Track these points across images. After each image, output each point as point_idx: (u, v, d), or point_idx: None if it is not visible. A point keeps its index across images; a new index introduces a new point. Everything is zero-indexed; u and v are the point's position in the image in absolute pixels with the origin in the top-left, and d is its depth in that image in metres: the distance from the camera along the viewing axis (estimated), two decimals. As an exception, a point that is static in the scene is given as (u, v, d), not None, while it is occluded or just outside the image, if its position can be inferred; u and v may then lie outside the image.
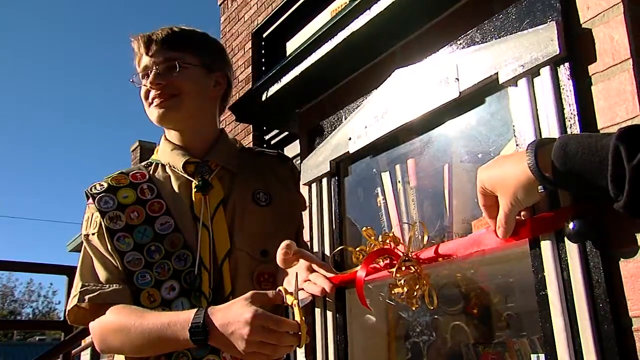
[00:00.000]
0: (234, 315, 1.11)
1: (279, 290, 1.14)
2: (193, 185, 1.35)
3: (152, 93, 1.35)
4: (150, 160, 1.46)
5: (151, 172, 1.40)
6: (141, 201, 1.33)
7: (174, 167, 1.39)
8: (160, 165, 1.42)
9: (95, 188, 1.35)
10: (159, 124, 1.40)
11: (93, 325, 1.28)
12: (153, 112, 1.36)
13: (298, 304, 1.10)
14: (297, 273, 1.18)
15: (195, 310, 1.16)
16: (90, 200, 1.34)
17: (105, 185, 1.35)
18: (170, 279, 1.27)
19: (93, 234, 1.32)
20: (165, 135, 1.46)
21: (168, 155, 1.41)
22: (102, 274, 1.29)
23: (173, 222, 1.31)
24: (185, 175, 1.37)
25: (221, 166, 1.40)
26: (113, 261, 1.29)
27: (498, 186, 0.84)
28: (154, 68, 1.34)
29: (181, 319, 1.16)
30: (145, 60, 1.35)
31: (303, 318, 1.09)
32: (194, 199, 1.34)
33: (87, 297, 1.26)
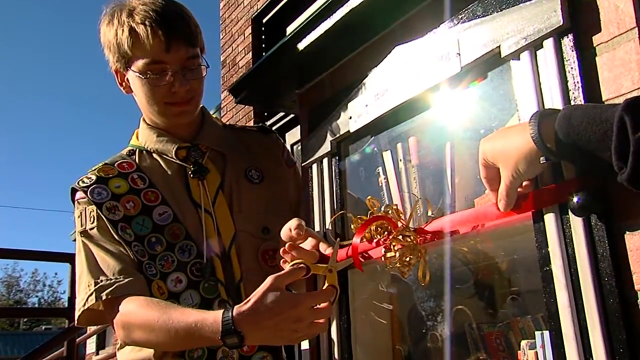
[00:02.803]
0: (273, 312, 1.01)
1: (296, 264, 1.08)
2: (188, 171, 1.32)
3: (176, 96, 1.28)
4: (131, 147, 1.39)
5: (137, 161, 1.35)
6: (135, 191, 1.28)
7: (163, 154, 1.34)
8: (145, 152, 1.36)
9: (83, 182, 1.29)
10: (170, 123, 1.34)
11: (117, 320, 1.21)
12: (171, 112, 1.30)
13: (334, 267, 1.07)
14: (338, 239, 1.14)
15: (222, 313, 1.06)
16: (81, 194, 1.28)
17: (94, 177, 1.29)
18: (176, 271, 1.24)
19: (92, 228, 1.26)
20: (145, 120, 1.39)
21: (155, 141, 1.35)
22: (112, 266, 1.22)
23: (171, 212, 1.27)
24: (178, 161, 1.33)
25: (211, 148, 1.36)
26: (122, 250, 1.23)
27: (500, 157, 0.83)
28: (180, 68, 1.26)
29: (209, 322, 1.07)
30: (162, 56, 1.25)
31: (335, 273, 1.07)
32: (191, 185, 1.31)
33: (104, 293, 1.20)
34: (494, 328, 1.28)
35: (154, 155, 1.36)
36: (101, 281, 1.21)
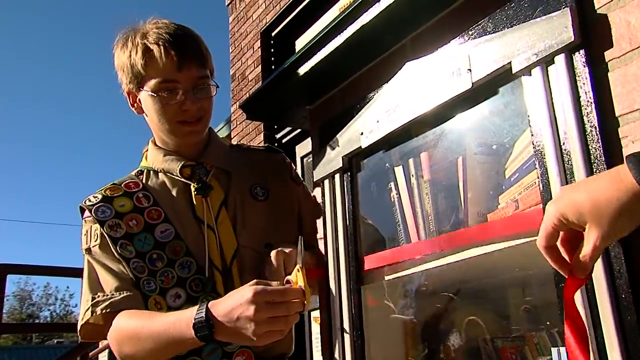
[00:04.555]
0: (235, 301, 1.07)
1: (287, 280, 1.11)
2: (192, 188, 1.34)
3: (187, 114, 1.31)
4: (140, 168, 1.43)
5: (144, 180, 1.39)
6: (138, 209, 1.32)
7: (169, 173, 1.37)
8: (152, 172, 1.40)
9: (89, 200, 1.33)
10: (180, 141, 1.37)
11: (109, 335, 1.26)
12: (182, 131, 1.33)
13: (302, 267, 1.08)
14: (300, 237, 1.16)
15: (198, 306, 1.13)
16: (87, 213, 1.32)
17: (100, 196, 1.34)
18: (175, 287, 1.26)
19: (95, 245, 1.30)
20: (154, 141, 1.43)
21: (161, 161, 1.39)
22: (110, 283, 1.27)
23: (173, 230, 1.30)
24: (183, 179, 1.36)
25: (216, 166, 1.39)
26: (121, 268, 1.27)
27: (589, 215, 0.68)
28: (192, 87, 1.30)
29: (185, 316, 1.13)
30: (174, 75, 1.29)
31: (306, 281, 1.06)
32: (195, 202, 1.33)
33: (98, 308, 1.25)
34: (509, 343, 1.27)
35: (160, 174, 1.40)
36: (98, 297, 1.26)
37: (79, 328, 1.29)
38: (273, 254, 1.19)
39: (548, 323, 1.24)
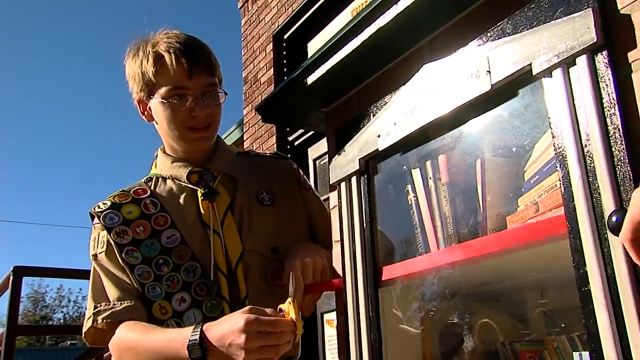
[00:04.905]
0: (228, 327, 1.10)
1: (279, 308, 1.14)
2: (199, 194, 1.36)
3: (195, 121, 1.34)
4: (150, 175, 1.47)
5: (152, 187, 1.42)
6: (146, 215, 1.35)
7: (176, 179, 1.40)
8: (161, 179, 1.43)
9: (98, 207, 1.37)
10: (189, 147, 1.40)
11: (111, 344, 1.30)
12: (191, 137, 1.37)
13: (293, 299, 1.10)
14: (291, 273, 1.18)
15: (194, 327, 1.15)
16: (96, 219, 1.36)
17: (109, 203, 1.38)
18: (181, 291, 1.29)
19: (101, 252, 1.34)
20: (163, 149, 1.47)
21: (169, 168, 1.42)
22: (113, 292, 1.30)
23: (179, 235, 1.33)
24: (190, 185, 1.39)
25: (223, 172, 1.41)
26: (124, 277, 1.30)
27: None
28: (201, 94, 1.34)
29: (182, 335, 1.16)
30: (185, 82, 1.33)
31: (299, 312, 1.09)
32: (201, 207, 1.36)
33: (100, 317, 1.29)
34: (528, 346, 1.26)
35: (169, 181, 1.43)
36: (100, 306, 1.31)
37: (83, 335, 1.34)
38: (296, 263, 1.19)
39: (563, 326, 1.23)
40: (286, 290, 1.17)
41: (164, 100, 1.34)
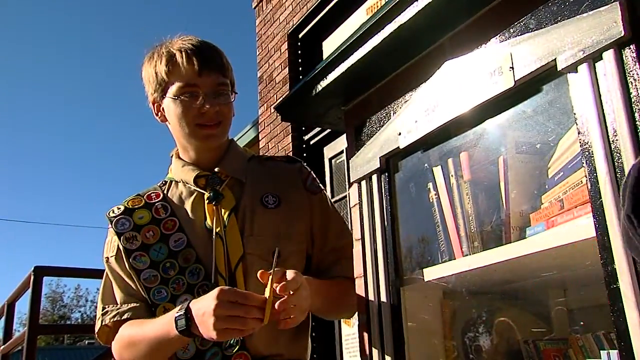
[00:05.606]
0: (206, 297, 1.15)
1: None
2: (205, 197, 1.39)
3: (204, 118, 1.37)
4: (165, 179, 1.51)
5: (165, 191, 1.46)
6: (156, 220, 1.40)
7: (186, 183, 1.44)
8: (174, 182, 1.48)
9: (113, 212, 1.43)
10: (200, 145, 1.43)
11: (113, 345, 1.38)
12: (201, 133, 1.39)
13: (271, 280, 1.12)
14: (276, 249, 1.19)
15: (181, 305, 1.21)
16: (109, 224, 1.42)
17: (122, 207, 1.43)
18: (185, 293, 1.32)
19: (112, 256, 1.41)
20: (177, 153, 1.50)
21: (180, 172, 1.46)
22: (119, 296, 1.38)
23: (186, 238, 1.37)
24: (198, 189, 1.42)
25: (231, 176, 1.43)
26: (130, 282, 1.37)
27: None
28: (211, 92, 1.37)
29: (170, 314, 1.22)
30: (195, 79, 1.37)
31: (272, 296, 1.11)
32: (206, 210, 1.39)
33: (107, 317, 1.37)
34: (552, 345, 1.25)
35: (180, 184, 1.46)
36: (108, 307, 1.39)
37: (96, 335, 1.42)
38: (259, 273, 1.18)
39: (588, 324, 1.21)
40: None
41: (175, 98, 1.38)
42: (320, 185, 1.54)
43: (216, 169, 1.43)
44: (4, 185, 70.74)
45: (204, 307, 1.13)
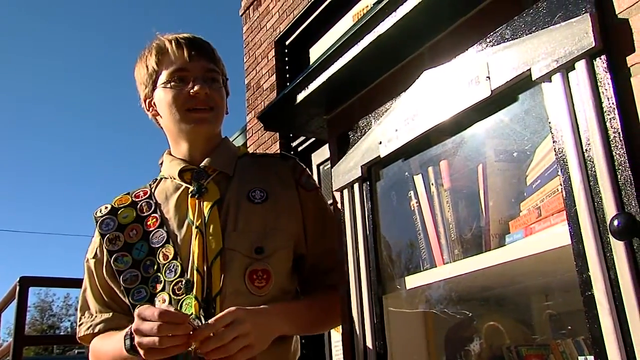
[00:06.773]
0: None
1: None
2: (189, 192, 1.37)
3: (195, 101, 1.36)
4: (157, 177, 1.50)
5: (153, 189, 1.44)
6: (140, 218, 1.38)
7: (173, 178, 1.42)
8: (163, 179, 1.46)
9: (100, 211, 1.42)
10: (191, 131, 1.41)
11: (89, 355, 1.40)
12: (192, 117, 1.38)
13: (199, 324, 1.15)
14: (192, 316, 1.20)
15: None
16: (95, 223, 1.40)
17: (109, 207, 1.42)
18: (162, 291, 1.29)
19: (91, 258, 1.40)
20: (169, 151, 1.49)
21: (168, 167, 1.45)
22: (93, 305, 1.39)
23: (165, 235, 1.34)
24: (183, 184, 1.39)
25: (219, 171, 1.41)
26: (106, 288, 1.36)
27: None
28: (201, 76, 1.37)
29: (124, 331, 1.22)
30: (185, 64, 1.37)
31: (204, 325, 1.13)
32: (189, 204, 1.36)
33: (82, 329, 1.38)
34: (533, 350, 1.26)
35: (168, 180, 1.45)
36: (84, 317, 1.40)
37: (79, 340, 1.43)
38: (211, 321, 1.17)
39: (569, 329, 1.22)
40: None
41: (165, 85, 1.38)
42: (317, 183, 1.52)
43: (203, 163, 1.40)
44: (-10, 195, 70.17)
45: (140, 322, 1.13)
